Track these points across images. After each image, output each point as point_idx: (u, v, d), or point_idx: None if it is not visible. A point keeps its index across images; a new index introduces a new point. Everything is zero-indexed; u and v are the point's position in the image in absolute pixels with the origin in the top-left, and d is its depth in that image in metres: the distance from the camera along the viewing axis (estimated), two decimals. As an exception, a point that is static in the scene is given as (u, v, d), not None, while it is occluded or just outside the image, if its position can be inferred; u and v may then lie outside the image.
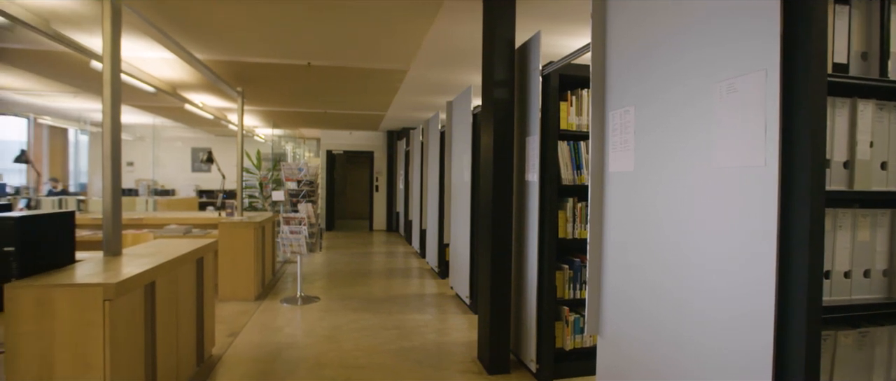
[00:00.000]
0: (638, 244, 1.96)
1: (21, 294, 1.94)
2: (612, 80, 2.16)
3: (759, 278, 1.39)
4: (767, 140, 1.36)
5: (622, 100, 2.07)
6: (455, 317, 4.69)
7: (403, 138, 10.70)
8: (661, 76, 1.81)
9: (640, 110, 1.94)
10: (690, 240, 1.66)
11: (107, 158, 2.61)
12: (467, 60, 5.11)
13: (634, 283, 1.99)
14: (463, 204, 5.01)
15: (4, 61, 5.49)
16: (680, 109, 1.71)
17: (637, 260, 1.97)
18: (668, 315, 1.77)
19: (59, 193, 9.32)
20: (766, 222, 1.36)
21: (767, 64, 1.36)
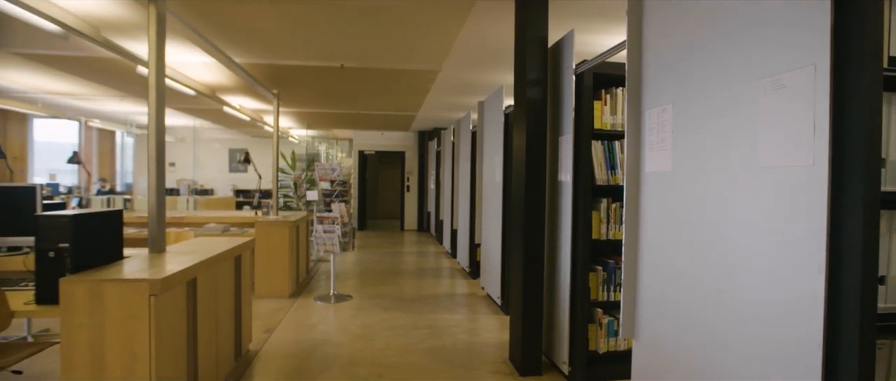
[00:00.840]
0: (676, 246, 1.91)
1: (75, 288, 2.04)
2: (649, 77, 2.11)
3: (807, 283, 1.33)
4: (816, 138, 1.30)
5: (659, 98, 2.02)
6: (486, 317, 4.68)
7: (434, 139, 10.73)
8: (702, 73, 1.76)
9: (679, 109, 1.89)
10: (732, 242, 1.61)
11: (152, 159, 2.72)
12: (499, 60, 5.09)
13: (672, 286, 1.94)
14: (494, 204, 4.99)
15: (59, 68, 5.79)
16: (721, 107, 1.66)
17: (675, 262, 1.92)
18: (707, 320, 1.72)
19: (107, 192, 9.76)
20: (815, 224, 1.30)
21: (817, 58, 1.30)
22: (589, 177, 3.02)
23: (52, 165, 10.55)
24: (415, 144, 12.53)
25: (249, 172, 12.83)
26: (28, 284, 2.41)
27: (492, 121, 5.19)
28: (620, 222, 3.06)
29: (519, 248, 3.37)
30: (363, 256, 8.20)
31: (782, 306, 1.41)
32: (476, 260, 6.23)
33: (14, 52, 5.11)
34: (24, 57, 5.27)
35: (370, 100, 7.77)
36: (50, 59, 5.41)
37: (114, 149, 12.55)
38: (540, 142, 3.31)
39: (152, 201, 2.71)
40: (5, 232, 2.67)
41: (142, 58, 4.28)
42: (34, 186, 2.71)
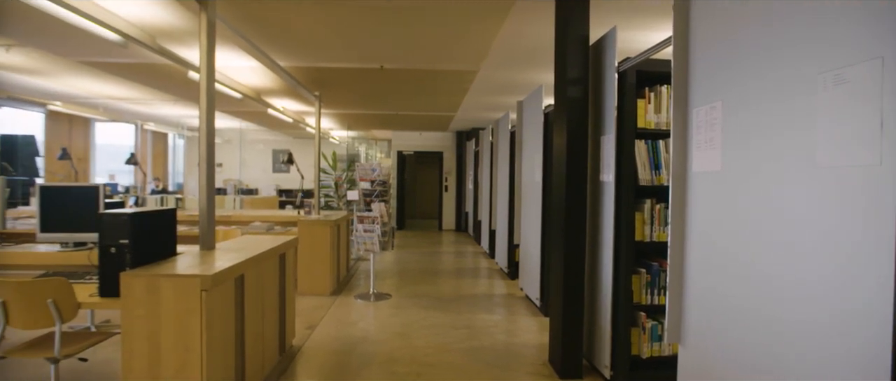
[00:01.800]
0: (726, 249, 1.84)
1: (134, 282, 2.16)
2: (697, 74, 2.04)
3: (873, 291, 1.25)
4: (884, 136, 1.23)
5: (708, 95, 1.95)
6: (525, 319, 4.64)
7: (473, 139, 10.73)
8: (754, 68, 1.69)
9: (729, 106, 1.82)
10: (788, 245, 1.53)
11: (202, 160, 2.84)
12: (538, 59, 5.04)
13: (722, 291, 1.87)
14: (534, 205, 4.94)
15: (118, 75, 6.13)
16: (775, 104, 1.58)
17: (725, 266, 1.85)
18: (760, 328, 1.65)
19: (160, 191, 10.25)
20: (882, 229, 1.23)
21: (885, 51, 1.22)
22: (632, 177, 2.95)
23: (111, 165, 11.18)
24: (453, 145, 12.57)
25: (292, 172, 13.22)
26: (92, 277, 2.56)
27: (531, 120, 5.14)
28: (665, 224, 2.97)
29: (559, 249, 3.32)
30: (402, 255, 8.29)
31: (845, 315, 1.33)
32: (514, 261, 6.19)
33: (80, 61, 5.45)
34: (87, 65, 5.61)
35: (409, 100, 7.85)
36: (110, 67, 5.73)
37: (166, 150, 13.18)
38: (581, 141, 3.26)
39: (203, 200, 2.83)
40: (72, 228, 2.85)
41: (193, 63, 4.47)
42: (97, 186, 2.88)
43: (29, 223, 4.60)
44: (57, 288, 2.19)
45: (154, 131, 12.24)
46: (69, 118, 9.75)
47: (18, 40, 4.73)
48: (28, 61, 5.59)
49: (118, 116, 10.24)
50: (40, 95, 7.80)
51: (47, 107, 8.59)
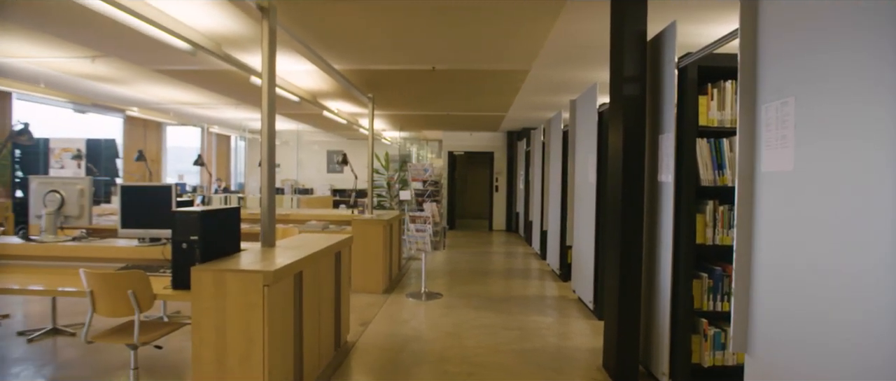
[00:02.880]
0: (799, 254, 1.73)
1: (203, 276, 2.29)
2: (766, 68, 1.93)
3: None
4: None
5: (779, 91, 1.84)
6: (578, 322, 4.55)
7: (524, 139, 10.62)
8: (832, 61, 1.58)
9: (803, 102, 1.71)
10: (870, 252, 1.42)
11: (264, 161, 2.97)
12: (592, 57, 4.93)
13: (794, 299, 1.76)
14: (587, 205, 4.84)
15: (187, 81, 6.53)
16: (857, 99, 1.47)
17: (798, 272, 1.74)
18: (837, 341, 1.54)
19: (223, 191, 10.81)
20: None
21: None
22: (693, 177, 2.83)
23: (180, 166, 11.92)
24: (503, 145, 12.50)
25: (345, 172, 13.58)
26: (165, 271, 2.74)
27: (585, 120, 5.03)
28: (729, 226, 2.83)
29: (615, 251, 3.24)
30: (452, 255, 8.33)
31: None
32: (567, 262, 6.08)
33: (154, 69, 5.84)
34: (161, 73, 6.01)
35: (460, 101, 7.88)
36: (180, 74, 6.11)
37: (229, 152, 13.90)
38: (638, 141, 3.16)
39: (265, 199, 2.96)
40: (148, 225, 3.06)
41: (255, 69, 4.68)
42: (170, 185, 3.08)
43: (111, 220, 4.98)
44: (136, 280, 2.36)
45: (218, 134, 12.94)
46: (144, 123, 10.48)
47: (102, 52, 5.14)
48: (110, 71, 6.05)
49: (186, 120, 10.90)
50: (120, 101, 8.43)
51: (126, 113, 9.27)
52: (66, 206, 3.28)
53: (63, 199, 3.27)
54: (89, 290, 2.39)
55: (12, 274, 2.91)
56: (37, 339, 3.83)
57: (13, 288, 2.66)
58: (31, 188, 3.33)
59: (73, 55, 5.25)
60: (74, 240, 3.25)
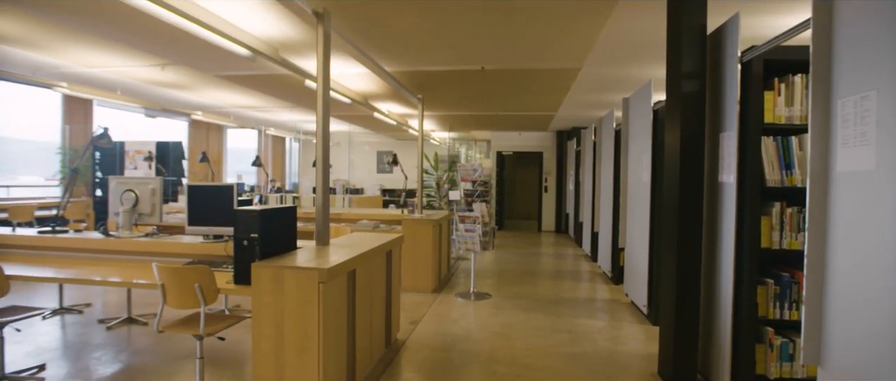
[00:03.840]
0: (882, 260, 1.60)
1: (262, 272, 2.39)
2: (842, 61, 1.80)
3: None
4: None
5: (858, 84, 1.71)
6: (630, 326, 4.41)
7: (574, 138, 10.42)
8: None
9: (885, 96, 1.58)
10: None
11: (319, 162, 3.07)
12: (647, 54, 4.77)
13: (876, 308, 1.63)
14: (641, 206, 4.68)
15: (246, 85, 6.84)
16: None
17: (880, 280, 1.61)
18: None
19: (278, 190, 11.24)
20: None
21: None
22: (757, 177, 2.68)
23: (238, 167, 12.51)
24: (553, 144, 12.31)
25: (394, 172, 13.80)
26: (228, 266, 2.88)
27: (638, 118, 4.88)
28: (799, 230, 2.66)
29: (671, 254, 3.12)
30: (501, 255, 8.29)
31: None
32: (619, 265, 5.91)
33: (217, 75, 6.16)
34: (221, 78, 6.33)
35: (509, 101, 7.83)
36: (240, 79, 6.41)
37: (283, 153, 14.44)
38: (696, 140, 3.03)
39: (319, 199, 3.06)
40: (211, 222, 3.23)
41: (309, 72, 4.84)
42: (232, 185, 3.24)
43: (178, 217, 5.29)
44: (202, 275, 2.50)
45: (274, 136, 13.47)
46: (207, 126, 11.07)
47: (171, 60, 5.47)
48: (177, 78, 6.44)
49: (245, 123, 11.42)
50: (186, 106, 8.95)
51: (191, 116, 9.82)
52: (140, 204, 3.52)
53: (137, 197, 3.51)
54: (161, 283, 2.55)
55: (94, 267, 3.15)
56: (114, 327, 4.13)
57: (95, 279, 2.87)
58: (109, 188, 3.59)
59: (146, 64, 5.62)
60: (147, 236, 3.48)
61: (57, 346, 3.73)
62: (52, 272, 3.00)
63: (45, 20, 4.18)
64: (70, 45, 4.97)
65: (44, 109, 7.94)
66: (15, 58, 5.50)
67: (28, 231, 3.71)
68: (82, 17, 4.05)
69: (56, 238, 3.50)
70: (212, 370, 3.26)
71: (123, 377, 3.19)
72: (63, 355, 3.55)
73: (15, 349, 3.57)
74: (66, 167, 7.75)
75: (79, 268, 3.11)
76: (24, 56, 5.42)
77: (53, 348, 3.69)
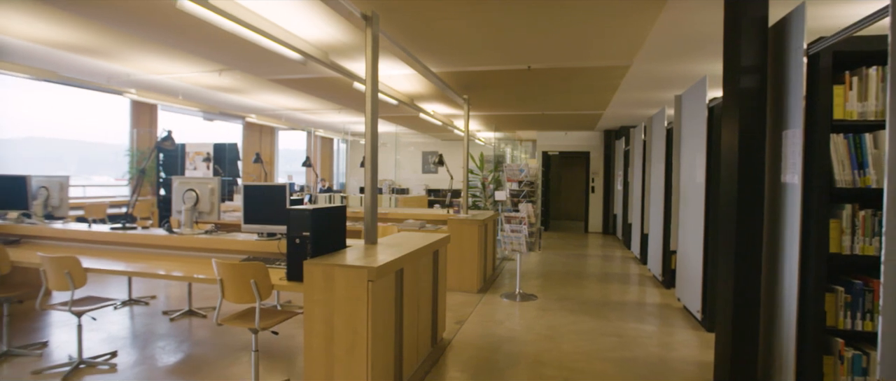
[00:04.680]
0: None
1: (314, 270, 2.47)
2: (924, 52, 1.66)
3: None
4: None
5: (941, 77, 1.58)
6: (683, 332, 4.25)
7: (622, 138, 10.15)
8: None
9: (975, 89, 1.45)
10: None
11: (368, 162, 3.13)
12: (702, 48, 4.58)
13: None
14: (694, 208, 4.50)
15: (296, 88, 7.08)
16: None
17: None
18: None
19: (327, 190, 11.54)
20: None
21: None
22: (825, 178, 2.52)
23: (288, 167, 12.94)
24: (600, 144, 12.03)
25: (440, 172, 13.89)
26: (280, 263, 2.99)
27: (692, 116, 4.69)
28: (874, 234, 2.48)
29: (729, 258, 2.98)
30: (547, 256, 8.17)
31: None
32: (670, 268, 5.71)
33: (269, 79, 6.40)
34: (274, 82, 6.57)
35: (555, 100, 7.72)
36: (291, 82, 6.63)
37: (332, 153, 14.82)
38: (756, 138, 2.88)
39: (368, 199, 3.12)
40: (265, 221, 3.35)
41: (357, 74, 4.95)
42: (285, 185, 3.36)
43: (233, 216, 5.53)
44: (257, 271, 2.60)
45: (322, 137, 13.85)
46: (260, 128, 11.51)
47: (227, 65, 5.73)
48: (233, 82, 6.73)
49: (295, 125, 11.80)
50: (240, 109, 9.35)
51: (245, 119, 10.25)
52: (200, 203, 3.71)
53: (198, 197, 3.69)
54: (220, 278, 2.68)
55: (158, 261, 3.35)
56: (177, 318, 4.37)
57: (160, 273, 3.05)
58: (173, 187, 3.80)
59: (205, 69, 5.92)
60: (206, 233, 3.66)
61: (126, 334, 3.98)
62: (122, 266, 3.21)
63: (118, 32, 4.47)
64: (139, 54, 5.30)
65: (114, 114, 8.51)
66: (91, 67, 5.92)
67: (101, 227, 3.98)
68: (151, 28, 4.31)
69: (125, 234, 3.74)
70: (265, 363, 3.39)
71: (185, 366, 3.37)
72: (132, 343, 3.79)
73: (90, 336, 3.84)
74: (134, 168, 8.28)
75: (145, 262, 3.32)
76: (99, 65, 5.83)
77: (123, 336, 3.94)
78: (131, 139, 8.55)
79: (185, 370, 3.29)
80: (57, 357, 3.46)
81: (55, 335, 3.93)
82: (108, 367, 3.30)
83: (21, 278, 3.59)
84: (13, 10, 3.93)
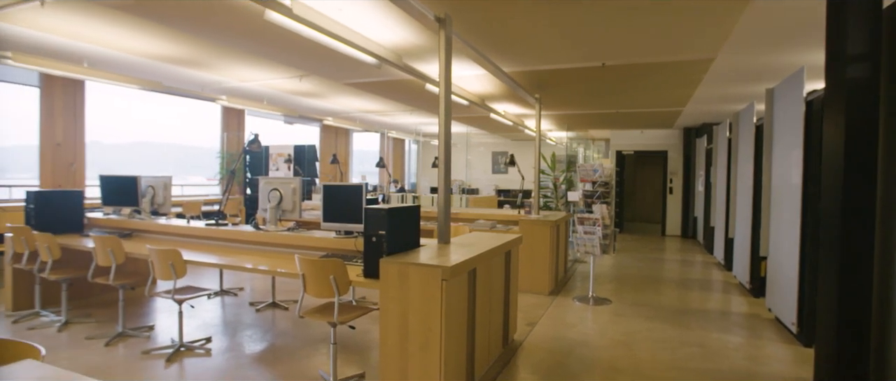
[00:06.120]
0: None
1: (389, 268, 2.54)
2: None
3: None
4: None
5: None
6: (774, 345, 3.93)
7: (704, 135, 9.57)
8: None
9: None
10: None
11: (441, 163, 3.17)
12: (798, 37, 4.21)
13: None
14: (789, 210, 4.15)
15: (371, 91, 7.31)
16: None
17: None
18: None
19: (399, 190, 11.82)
20: None
21: None
22: (952, 179, 2.23)
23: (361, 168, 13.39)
24: (679, 143, 11.40)
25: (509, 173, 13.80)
26: (357, 261, 3.10)
27: (786, 111, 4.33)
28: None
29: (832, 267, 2.72)
30: (622, 260, 7.88)
31: None
32: (759, 275, 5.30)
33: (346, 83, 6.67)
34: (349, 85, 6.84)
35: (631, 97, 7.42)
36: (366, 86, 6.87)
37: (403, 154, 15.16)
38: (867, 134, 2.60)
39: (441, 199, 3.17)
40: (343, 219, 3.50)
41: (430, 76, 5.03)
42: (361, 185, 3.49)
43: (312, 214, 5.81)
44: (336, 267, 2.72)
45: (394, 138, 14.21)
46: (336, 130, 12.02)
47: (307, 71, 6.04)
48: (311, 87, 7.08)
49: (369, 127, 12.20)
50: (318, 112, 9.82)
51: (322, 122, 10.75)
52: (284, 201, 3.93)
53: (281, 196, 3.92)
54: (302, 273, 2.83)
55: (246, 256, 3.59)
56: (262, 310, 4.67)
57: (247, 267, 3.27)
58: (259, 187, 4.06)
59: (287, 75, 6.27)
60: (288, 230, 3.88)
61: (218, 322, 4.32)
62: (215, 259, 3.48)
63: (213, 44, 4.85)
64: (230, 64, 5.73)
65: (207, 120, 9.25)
66: (188, 77, 6.47)
67: (197, 223, 4.34)
68: (241, 39, 4.63)
69: (218, 230, 4.05)
70: (342, 356, 3.54)
71: (269, 354, 3.59)
72: (223, 330, 4.10)
73: (188, 322, 4.20)
74: (224, 169, 8.94)
75: (234, 256, 3.58)
76: (195, 75, 6.36)
77: (216, 323, 4.27)
78: (222, 142, 9.24)
79: (269, 359, 3.50)
80: (161, 340, 3.82)
81: (160, 319, 4.33)
82: (204, 351, 3.59)
83: (132, 268, 3.99)
84: (126, 28, 4.38)
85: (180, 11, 3.86)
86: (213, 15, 3.93)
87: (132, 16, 4.04)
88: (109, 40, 4.80)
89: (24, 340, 1.50)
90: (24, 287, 4.47)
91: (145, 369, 3.29)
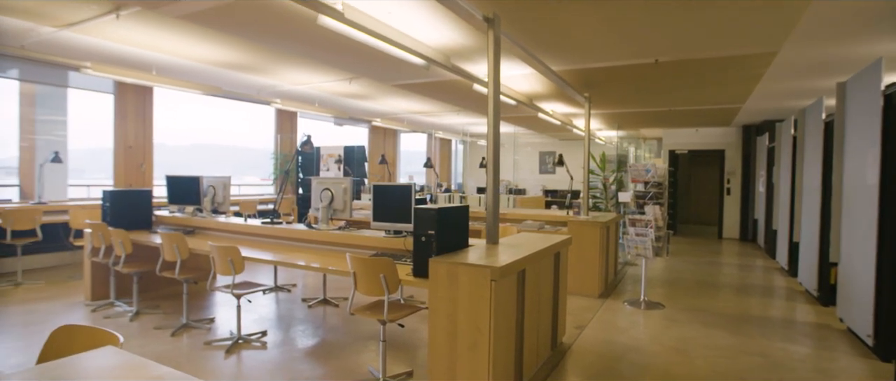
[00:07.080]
0: None
1: (438, 267, 2.56)
2: None
3: None
4: None
5: None
6: (847, 359, 3.68)
7: (765, 133, 9.06)
8: None
9: None
10: None
11: (490, 163, 3.17)
12: (874, 26, 3.92)
13: None
14: (864, 214, 3.87)
15: (418, 92, 7.40)
16: None
17: None
18: None
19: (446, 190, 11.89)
20: None
21: None
22: None
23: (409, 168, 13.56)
24: (737, 141, 10.86)
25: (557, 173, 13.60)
26: (406, 260, 3.14)
27: (861, 106, 4.04)
28: None
29: (912, 274, 2.51)
30: (675, 263, 7.59)
31: None
32: (828, 283, 4.97)
33: (394, 85, 6.78)
34: (398, 87, 6.94)
35: (685, 95, 7.13)
36: (413, 87, 6.95)
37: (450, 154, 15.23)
38: (955, 130, 2.39)
39: (490, 199, 3.16)
40: (392, 219, 3.56)
41: (477, 76, 5.04)
42: (411, 185, 3.53)
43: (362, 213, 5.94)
44: (386, 266, 2.77)
45: (441, 138, 14.30)
46: (383, 131, 12.23)
47: (357, 73, 6.18)
48: (361, 89, 7.24)
49: (416, 128, 12.33)
50: (367, 114, 10.02)
51: (371, 123, 10.97)
52: (335, 201, 4.04)
53: (333, 195, 4.03)
54: (353, 271, 2.90)
55: (299, 253, 3.72)
56: (314, 306, 4.82)
57: (300, 264, 3.39)
58: (312, 187, 4.19)
59: (337, 78, 6.45)
60: (339, 229, 3.98)
61: (273, 317, 4.49)
62: (270, 256, 3.62)
63: (268, 49, 5.05)
64: (283, 68, 5.95)
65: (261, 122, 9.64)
66: (244, 81, 6.77)
67: (254, 222, 4.53)
68: (294, 43, 4.80)
69: (273, 228, 4.21)
70: (391, 354, 3.59)
71: (321, 349, 3.70)
72: (278, 325, 4.26)
73: (245, 316, 4.39)
74: (278, 169, 9.29)
75: (288, 253, 3.71)
76: (250, 79, 6.65)
77: (270, 318, 4.44)
78: (276, 144, 9.60)
79: (321, 354, 3.61)
80: (221, 332, 4.01)
81: (219, 312, 4.56)
82: (260, 344, 3.75)
83: (195, 264, 4.22)
84: (190, 37, 4.64)
85: (239, 18, 4.05)
86: (268, 21, 4.09)
87: (195, 25, 4.27)
88: (175, 48, 5.09)
89: (104, 328, 1.62)
90: (100, 279, 4.81)
91: (207, 359, 3.47)
